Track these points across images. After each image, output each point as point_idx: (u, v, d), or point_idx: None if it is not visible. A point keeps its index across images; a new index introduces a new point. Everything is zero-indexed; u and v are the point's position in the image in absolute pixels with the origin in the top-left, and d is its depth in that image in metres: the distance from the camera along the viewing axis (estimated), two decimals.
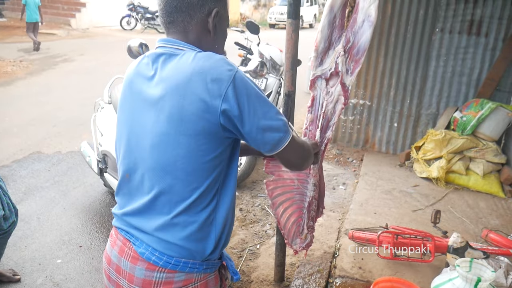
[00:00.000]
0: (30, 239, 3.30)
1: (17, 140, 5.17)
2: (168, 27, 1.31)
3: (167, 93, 1.20)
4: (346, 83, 1.84)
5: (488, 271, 2.19)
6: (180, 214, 1.24)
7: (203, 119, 1.17)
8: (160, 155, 1.23)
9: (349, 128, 5.36)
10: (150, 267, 1.27)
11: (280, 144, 1.27)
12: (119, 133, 1.37)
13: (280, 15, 23.92)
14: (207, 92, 1.16)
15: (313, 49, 1.94)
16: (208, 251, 1.29)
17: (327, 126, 1.96)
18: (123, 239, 1.34)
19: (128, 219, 1.33)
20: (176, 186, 1.23)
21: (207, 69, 1.17)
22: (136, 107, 1.29)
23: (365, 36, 1.75)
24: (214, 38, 1.34)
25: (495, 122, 4.30)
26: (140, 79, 1.29)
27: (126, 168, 1.34)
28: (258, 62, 3.51)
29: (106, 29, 16.76)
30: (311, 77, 1.96)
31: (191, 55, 1.23)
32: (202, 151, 1.20)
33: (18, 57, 9.96)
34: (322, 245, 3.26)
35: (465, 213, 3.77)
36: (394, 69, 4.95)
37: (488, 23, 4.54)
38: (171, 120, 1.19)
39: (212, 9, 1.29)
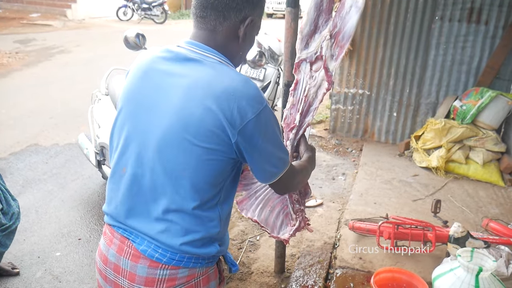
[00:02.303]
0: (28, 232, 3.28)
1: (14, 133, 5.13)
2: (198, 21, 1.26)
3: (190, 101, 1.16)
4: (330, 68, 1.81)
5: (490, 261, 2.19)
6: (182, 222, 1.23)
7: (217, 137, 1.16)
8: (165, 162, 1.20)
9: (348, 118, 5.33)
10: (153, 264, 1.24)
11: (273, 177, 1.30)
12: (121, 123, 1.31)
13: (278, 5, 23.74)
14: (230, 117, 1.15)
15: (299, 31, 1.92)
16: (213, 253, 1.29)
17: (307, 111, 1.92)
18: (120, 237, 1.30)
19: (124, 218, 1.29)
20: (179, 197, 1.21)
21: (239, 95, 1.15)
22: (147, 102, 1.24)
23: (351, 22, 1.72)
24: (241, 44, 1.31)
25: (495, 111, 4.28)
26: (159, 75, 1.24)
27: (124, 162, 1.29)
28: (256, 52, 3.47)
29: (102, 20, 16.61)
30: (296, 60, 1.93)
31: (226, 70, 1.22)
32: (210, 165, 1.19)
33: (14, 48, 9.87)
34: (322, 235, 3.25)
35: (465, 202, 3.76)
36: (393, 58, 4.91)
37: (488, 11, 4.50)
38: (187, 129, 1.16)
39: (247, 17, 1.26)
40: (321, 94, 1.86)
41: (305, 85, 1.93)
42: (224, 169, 1.23)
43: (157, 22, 16.65)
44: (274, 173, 1.28)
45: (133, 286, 1.26)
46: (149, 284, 1.25)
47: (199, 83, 1.17)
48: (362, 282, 2.66)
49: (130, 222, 1.28)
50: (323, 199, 3.90)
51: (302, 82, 1.96)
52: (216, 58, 1.24)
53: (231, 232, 3.36)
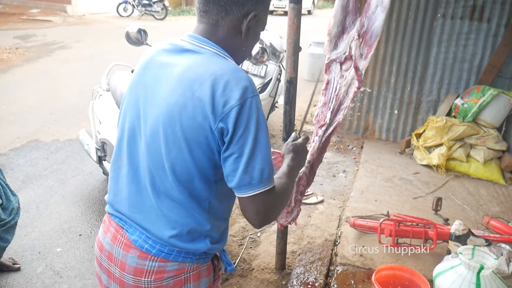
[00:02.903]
0: (29, 228, 3.28)
1: (14, 128, 5.13)
2: (201, 15, 1.26)
3: (177, 89, 1.16)
4: (360, 67, 1.87)
5: (491, 259, 2.19)
6: (171, 213, 1.22)
7: (200, 127, 1.13)
8: (153, 150, 1.20)
9: (349, 116, 5.32)
10: (143, 255, 1.25)
11: (249, 188, 1.15)
12: (123, 114, 1.34)
13: (279, 2, 23.68)
14: (212, 103, 1.11)
15: (326, 33, 1.95)
16: (202, 250, 1.27)
17: (338, 109, 1.96)
18: (116, 226, 1.32)
19: (121, 207, 1.31)
20: (167, 187, 1.21)
21: (224, 81, 1.12)
22: (145, 93, 1.26)
23: (379, 21, 1.79)
24: (244, 40, 1.28)
25: (497, 109, 4.28)
26: (157, 66, 1.26)
27: (123, 151, 1.31)
28: (258, 49, 3.46)
29: (103, 15, 16.57)
30: (326, 61, 1.98)
31: (216, 58, 1.20)
32: (195, 159, 1.16)
33: (14, 44, 9.84)
34: (323, 232, 3.25)
35: (465, 200, 3.76)
36: (394, 56, 4.90)
37: (490, 9, 4.48)
38: (171, 118, 1.15)
39: (250, 11, 1.23)
40: (352, 92, 1.91)
41: (336, 84, 1.96)
42: (213, 163, 1.18)
43: (157, 18, 16.61)
44: (250, 184, 1.14)
45: (123, 275, 1.28)
46: (138, 274, 1.25)
47: (188, 71, 1.17)
48: (363, 279, 2.66)
49: (125, 211, 1.30)
50: (324, 196, 3.90)
51: (333, 82, 2.01)
52: (212, 49, 1.23)
53: (231, 228, 3.36)
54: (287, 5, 18.81)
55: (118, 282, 1.31)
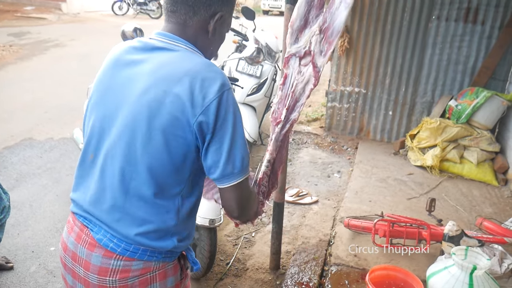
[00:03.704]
0: (22, 226, 3.27)
1: (8, 127, 5.09)
2: (169, 15, 1.28)
3: (152, 85, 1.18)
4: (318, 64, 1.80)
5: (484, 259, 2.21)
6: (138, 211, 1.22)
7: (178, 121, 1.15)
8: (125, 146, 1.20)
9: (344, 116, 5.34)
10: (107, 254, 1.24)
11: (232, 178, 1.20)
12: (90, 111, 1.33)
13: (274, 2, 23.70)
14: (191, 99, 1.14)
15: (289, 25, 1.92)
16: (169, 248, 1.27)
17: (294, 107, 1.89)
18: (80, 225, 1.31)
19: (86, 205, 1.30)
20: (137, 182, 1.21)
21: (202, 77, 1.16)
22: (113, 91, 1.26)
23: (340, 18, 1.71)
24: (211, 39, 1.32)
25: (490, 111, 4.31)
26: (127, 64, 1.26)
27: (92, 149, 1.30)
28: (254, 49, 3.46)
29: (98, 14, 16.50)
30: (286, 54, 1.93)
31: (191, 55, 1.23)
32: (171, 153, 1.18)
33: (7, 41, 9.78)
34: (317, 233, 3.26)
35: (459, 201, 3.79)
36: (389, 57, 4.93)
37: (484, 11, 4.52)
38: (148, 114, 1.17)
39: (217, 12, 1.27)
40: (308, 90, 1.84)
41: (293, 80, 1.92)
42: (187, 158, 1.20)
43: (152, 17, 16.57)
44: (232, 173, 1.20)
45: (88, 275, 1.27)
46: (103, 274, 1.25)
47: (162, 68, 1.19)
48: (357, 280, 2.67)
49: (91, 210, 1.28)
50: (319, 196, 3.91)
51: (290, 77, 1.95)
52: (184, 46, 1.25)
53: (226, 228, 3.36)
54: (282, 5, 18.98)
55: (83, 282, 1.30)
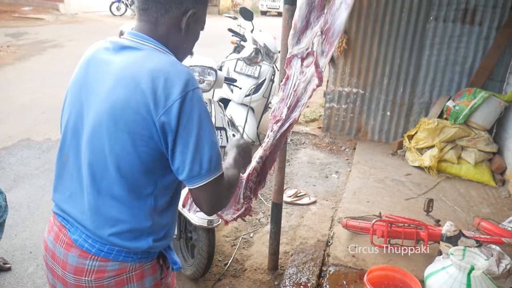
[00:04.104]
0: (20, 227, 3.26)
1: (6, 127, 5.08)
2: (141, 13, 1.27)
3: (117, 85, 1.17)
4: (320, 64, 1.81)
5: (481, 259, 2.21)
6: (111, 211, 1.22)
7: (143, 121, 1.14)
8: (95, 146, 1.20)
9: (342, 117, 5.35)
10: (83, 254, 1.25)
11: (199, 179, 1.18)
12: (63, 112, 1.35)
13: (272, 2, 23.72)
14: (154, 98, 1.13)
15: (292, 26, 1.92)
16: (143, 248, 1.26)
17: (295, 106, 1.91)
18: (59, 225, 1.32)
19: (64, 205, 1.31)
20: (108, 182, 1.20)
21: (165, 77, 1.14)
22: (85, 91, 1.26)
23: (341, 19, 1.72)
24: (184, 37, 1.30)
25: (488, 112, 4.32)
26: (98, 64, 1.26)
27: (67, 149, 1.31)
28: (252, 49, 3.46)
29: (96, 14, 16.48)
30: (288, 55, 1.94)
31: (156, 54, 1.22)
32: (139, 152, 1.17)
33: (5, 42, 9.75)
34: (315, 233, 3.26)
35: (456, 201, 3.80)
36: (387, 58, 4.94)
37: (482, 12, 4.53)
38: (113, 113, 1.16)
39: (189, 9, 1.26)
40: (310, 89, 1.85)
41: (295, 80, 1.92)
42: (156, 157, 1.19)
43: None
44: (200, 174, 1.17)
45: (65, 274, 1.28)
46: (78, 274, 1.25)
47: (127, 67, 1.19)
48: (355, 280, 2.67)
49: (68, 210, 1.29)
50: (317, 197, 3.91)
51: (292, 77, 1.96)
52: (152, 45, 1.24)
53: (224, 229, 3.36)
54: (280, 6, 19.01)
55: (61, 281, 1.31)
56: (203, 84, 3.07)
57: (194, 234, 2.64)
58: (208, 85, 3.09)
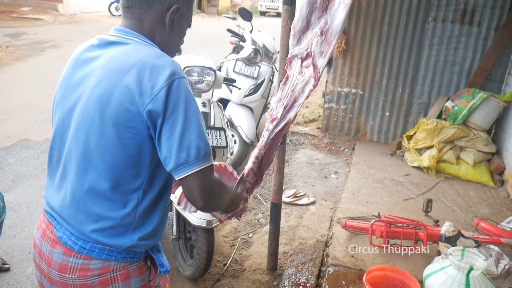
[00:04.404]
0: (19, 228, 3.25)
1: (4, 128, 5.08)
2: (125, 11, 1.28)
3: (103, 79, 1.18)
4: (318, 65, 1.79)
5: (480, 260, 2.22)
6: (93, 206, 1.21)
7: (128, 113, 1.13)
8: (81, 140, 1.20)
9: (341, 117, 5.35)
10: (67, 251, 1.24)
11: (186, 167, 1.14)
12: (54, 110, 1.36)
13: (271, 3, 23.74)
14: (139, 89, 1.13)
15: (292, 27, 1.92)
16: (125, 246, 1.24)
17: (292, 106, 1.88)
18: (47, 221, 1.32)
19: (53, 202, 1.31)
20: (92, 176, 1.20)
21: (150, 67, 1.15)
22: (72, 88, 1.27)
23: (339, 18, 1.71)
24: (169, 33, 1.31)
25: (486, 112, 4.33)
26: (85, 61, 1.27)
27: (57, 146, 1.31)
28: (251, 50, 3.46)
29: (95, 14, 16.47)
30: (288, 55, 1.93)
31: (142, 47, 1.22)
32: (125, 144, 1.16)
33: (4, 42, 9.74)
34: (314, 233, 3.26)
35: (455, 202, 3.80)
36: (386, 58, 4.94)
37: (480, 13, 4.54)
38: (98, 106, 1.16)
39: (172, 4, 1.27)
40: (307, 90, 1.84)
41: (294, 80, 1.92)
42: (143, 150, 1.18)
43: None
44: (187, 162, 1.14)
45: (50, 271, 1.28)
46: (63, 271, 1.25)
47: (112, 61, 1.20)
48: (354, 280, 2.68)
49: (56, 207, 1.29)
50: (316, 197, 3.92)
51: (292, 78, 1.96)
52: (138, 39, 1.25)
53: (223, 229, 3.36)
54: (279, 6, 18.97)
55: (48, 279, 1.31)
56: (202, 84, 3.07)
57: (193, 234, 2.64)
58: (207, 85, 3.09)
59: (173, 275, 2.83)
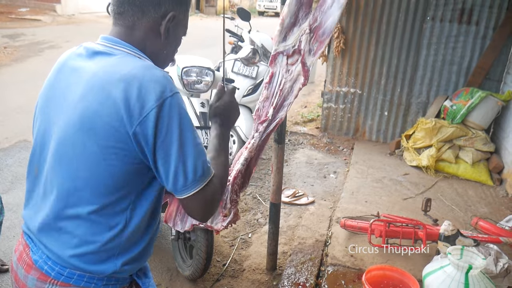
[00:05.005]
0: (18, 229, 3.25)
1: (3, 129, 5.07)
2: (116, 18, 1.19)
3: (87, 94, 1.08)
4: (307, 63, 1.76)
5: (479, 259, 2.22)
6: (75, 230, 1.11)
7: (116, 132, 1.04)
8: (61, 160, 1.11)
9: (340, 117, 5.36)
10: (42, 277, 1.13)
11: (188, 188, 1.09)
12: (34, 121, 1.26)
13: (269, 3, 23.75)
14: (127, 108, 1.03)
15: (278, 22, 1.85)
16: (108, 272, 1.14)
17: (281, 105, 1.85)
18: (24, 243, 1.21)
19: (31, 223, 1.19)
20: (74, 199, 1.10)
21: (139, 83, 1.04)
22: (55, 100, 1.17)
23: (333, 18, 1.67)
24: (164, 42, 1.21)
25: (485, 111, 4.33)
26: (69, 72, 1.17)
27: (36, 162, 1.20)
28: (250, 50, 3.46)
29: (93, 15, 16.46)
30: (273, 52, 1.87)
31: (129, 59, 1.12)
32: (112, 166, 1.06)
33: (2, 43, 9.73)
34: (313, 233, 3.26)
35: (454, 201, 3.80)
36: (385, 58, 4.95)
37: (479, 12, 4.55)
38: (82, 124, 1.06)
39: (168, 12, 1.17)
40: (296, 89, 1.81)
41: (280, 78, 1.87)
42: (131, 171, 1.08)
43: None
44: (185, 185, 1.08)
45: None
46: None
47: (98, 74, 1.09)
48: (353, 280, 2.68)
49: (33, 228, 1.18)
50: (315, 197, 3.92)
51: (277, 76, 1.89)
52: (126, 50, 1.15)
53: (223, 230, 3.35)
54: (277, 6, 18.96)
55: None
56: (200, 84, 3.07)
57: (193, 234, 2.64)
58: (206, 85, 3.09)
59: (173, 276, 2.83)
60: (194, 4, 21.98)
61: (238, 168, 1.86)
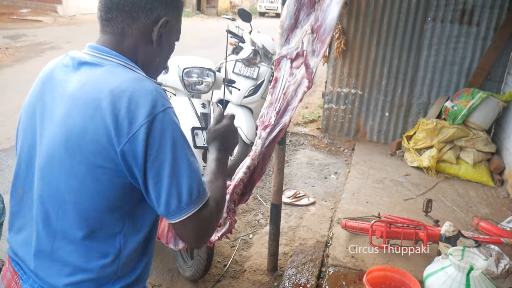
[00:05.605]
0: None
1: (4, 129, 5.07)
2: (104, 24, 1.10)
3: (73, 109, 1.01)
4: (311, 65, 1.68)
5: (480, 260, 2.22)
6: (68, 257, 1.04)
7: (104, 151, 0.97)
8: (48, 181, 1.04)
9: (341, 118, 5.36)
10: None
11: (181, 212, 1.01)
12: (18, 136, 1.18)
13: (270, 4, 23.76)
14: (115, 124, 0.96)
15: (278, 25, 1.79)
16: None
17: (285, 110, 1.76)
18: (12, 271, 1.13)
19: (18, 248, 1.12)
20: (63, 224, 1.03)
21: (128, 97, 0.97)
22: (38, 114, 1.10)
23: (332, 14, 1.60)
24: (156, 50, 1.13)
25: (486, 112, 4.33)
26: (54, 83, 1.10)
27: (21, 182, 1.14)
28: (251, 50, 3.46)
29: (94, 16, 16.10)
30: (276, 56, 1.81)
31: (119, 71, 1.04)
32: (101, 187, 0.99)
33: (3, 44, 9.74)
34: (314, 234, 3.26)
35: (455, 202, 3.80)
36: (386, 58, 4.95)
37: (479, 13, 4.55)
38: (67, 143, 0.99)
39: (161, 17, 1.09)
40: (301, 92, 1.73)
41: (284, 82, 1.80)
42: (122, 192, 1.01)
43: None
44: (179, 208, 1.00)
45: None
46: None
47: (84, 87, 1.01)
48: (354, 281, 2.67)
49: (21, 255, 1.11)
50: (316, 198, 3.91)
51: (281, 80, 1.83)
52: (115, 60, 1.07)
53: None
54: (278, 7, 18.98)
55: None
56: (201, 85, 3.07)
57: None
58: (207, 86, 3.09)
59: (174, 276, 2.83)
60: (195, 5, 22.00)
61: (240, 177, 1.77)
